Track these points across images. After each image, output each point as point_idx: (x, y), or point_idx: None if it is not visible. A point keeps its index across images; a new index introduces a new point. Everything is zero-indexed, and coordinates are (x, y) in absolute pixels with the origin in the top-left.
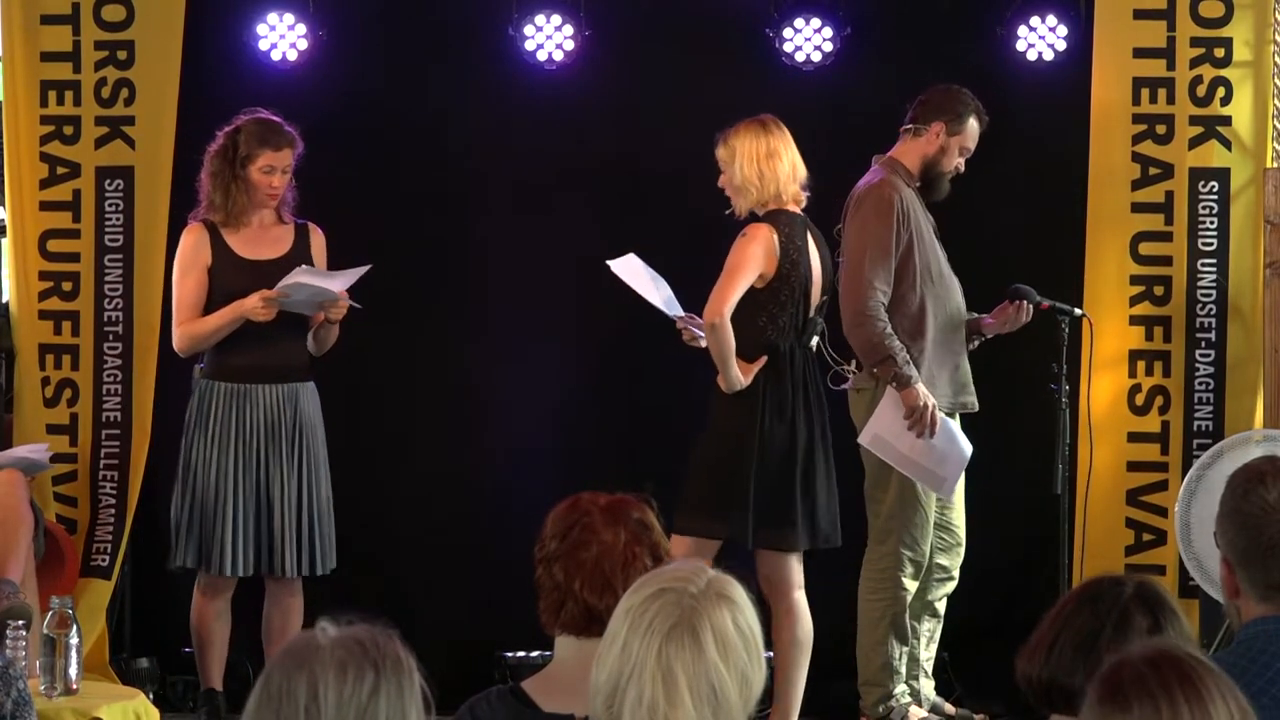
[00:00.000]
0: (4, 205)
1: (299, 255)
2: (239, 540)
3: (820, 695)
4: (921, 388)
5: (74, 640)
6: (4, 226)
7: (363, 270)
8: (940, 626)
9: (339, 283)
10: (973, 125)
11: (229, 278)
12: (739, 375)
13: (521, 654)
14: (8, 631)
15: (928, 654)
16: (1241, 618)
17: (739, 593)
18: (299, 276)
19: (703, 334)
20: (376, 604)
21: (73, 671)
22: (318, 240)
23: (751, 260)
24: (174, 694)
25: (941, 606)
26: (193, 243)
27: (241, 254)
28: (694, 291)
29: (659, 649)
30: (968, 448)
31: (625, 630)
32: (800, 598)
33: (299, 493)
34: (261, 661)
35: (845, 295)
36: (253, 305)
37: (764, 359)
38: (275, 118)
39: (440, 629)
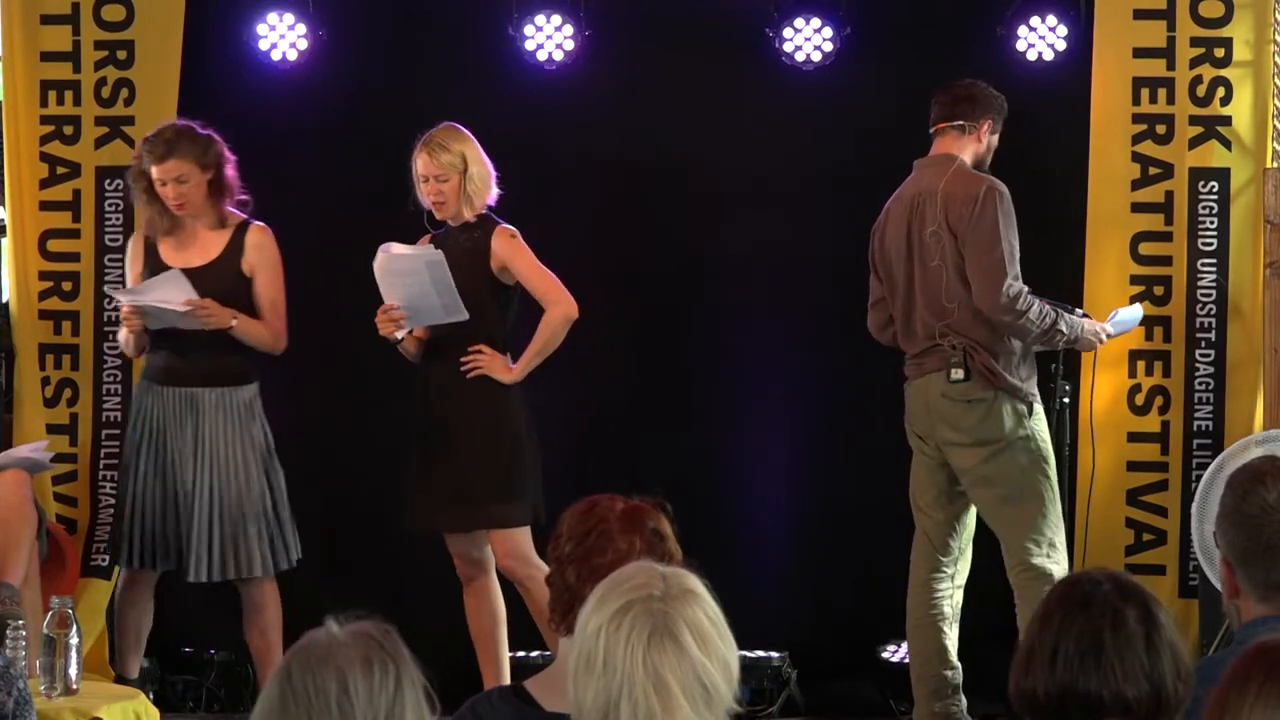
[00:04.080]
0: (4, 205)
1: (227, 260)
2: (138, 535)
3: (840, 696)
4: (1087, 330)
5: (74, 640)
6: (4, 226)
7: (175, 275)
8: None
9: (167, 293)
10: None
11: None
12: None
13: (522, 654)
14: (7, 632)
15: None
16: (1241, 618)
17: (697, 583)
18: (119, 295)
19: (401, 333)
20: (377, 603)
21: (72, 671)
22: (255, 239)
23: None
24: (174, 694)
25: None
26: (130, 250)
27: (169, 261)
28: (692, 289)
29: (643, 660)
30: (1137, 312)
31: (603, 649)
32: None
33: (209, 496)
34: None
35: (987, 288)
36: (122, 317)
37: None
38: (184, 126)
39: (441, 628)
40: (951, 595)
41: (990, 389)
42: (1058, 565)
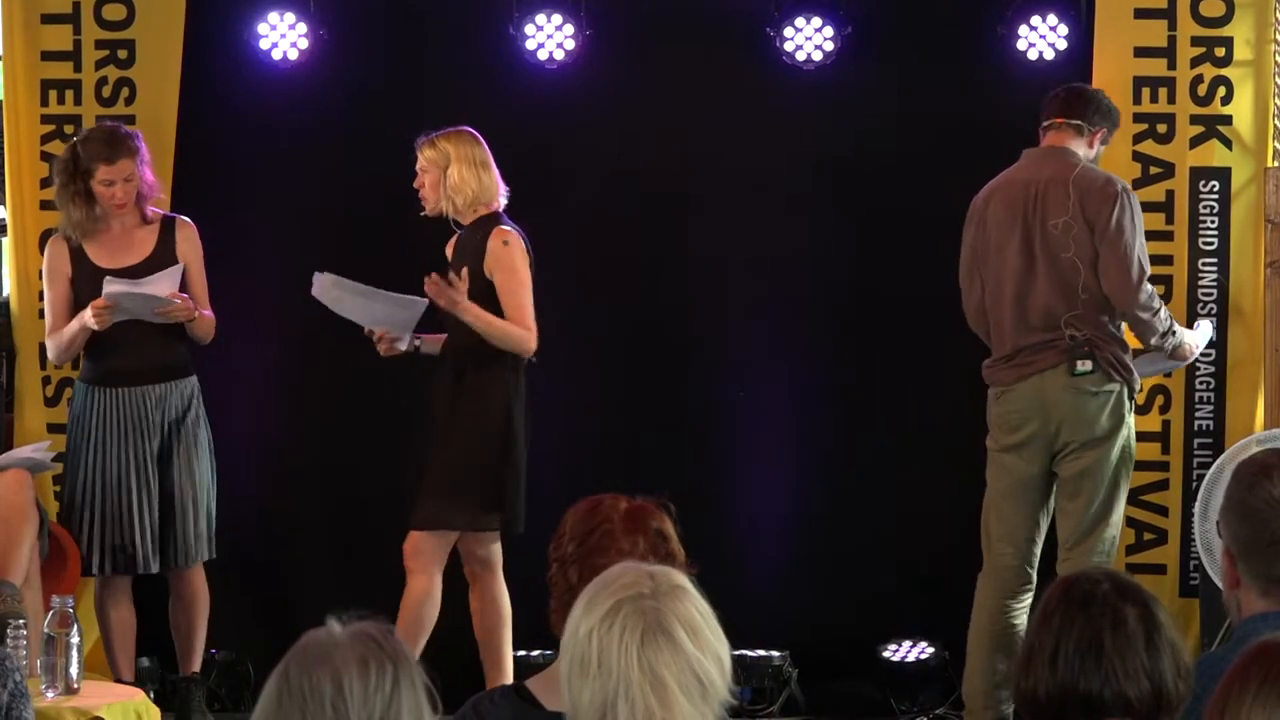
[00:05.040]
0: (4, 204)
1: (161, 255)
2: (99, 539)
3: (841, 695)
4: (1187, 336)
5: (75, 639)
6: (4, 225)
7: (178, 270)
8: None
9: (161, 286)
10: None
11: (90, 287)
12: None
13: (523, 653)
14: (9, 630)
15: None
16: (1242, 611)
17: (684, 579)
18: (113, 287)
19: (403, 344)
20: (379, 602)
21: (73, 671)
22: (184, 233)
23: (524, 267)
24: (174, 694)
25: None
26: (51, 255)
27: (100, 263)
28: (692, 287)
29: (638, 658)
30: (1210, 329)
31: (597, 650)
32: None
33: (164, 487)
34: (258, 660)
35: (1129, 285)
36: (89, 316)
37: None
38: (114, 126)
39: (443, 628)
40: (1027, 609)
41: (1116, 380)
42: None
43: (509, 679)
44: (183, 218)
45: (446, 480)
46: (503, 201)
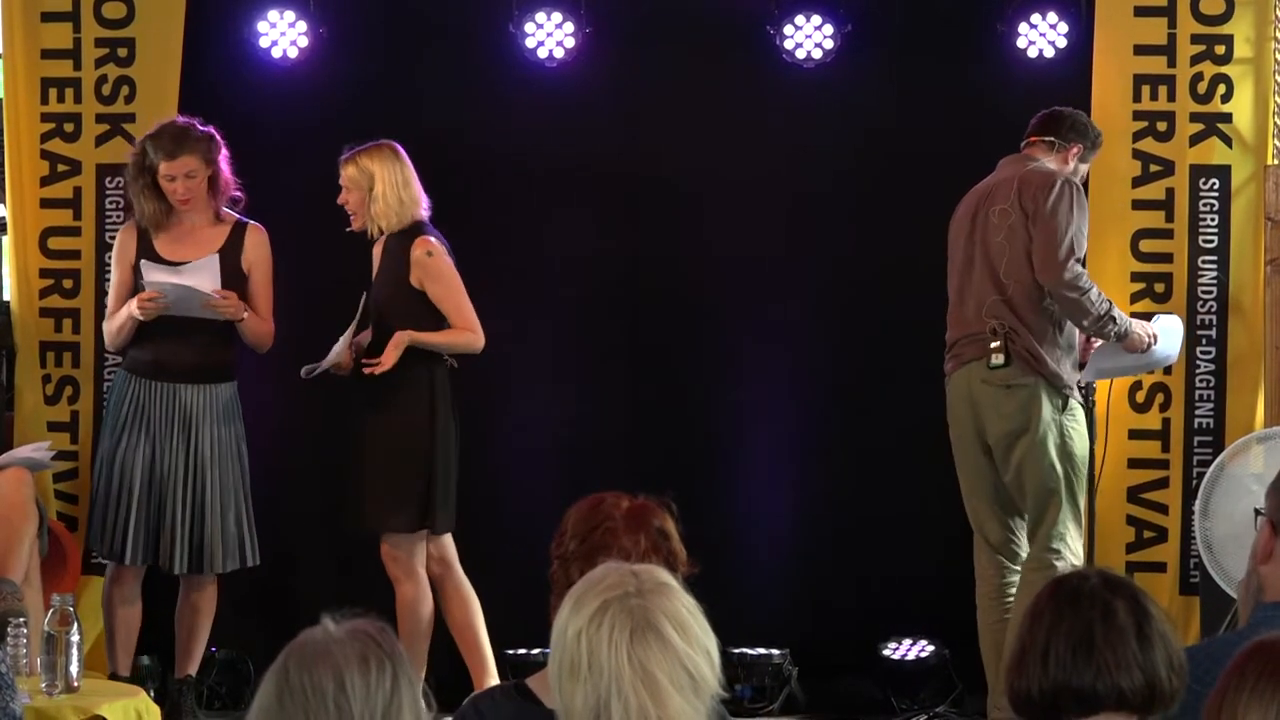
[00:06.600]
0: (4, 203)
1: (227, 255)
2: (130, 529)
3: (841, 693)
4: (1136, 326)
5: (75, 638)
6: (4, 224)
7: (213, 260)
8: None
9: (201, 278)
10: (1092, 160)
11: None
12: None
13: (524, 651)
14: (9, 629)
15: None
16: (1265, 594)
17: (668, 575)
18: (152, 275)
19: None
20: (378, 601)
21: (74, 669)
22: (254, 239)
23: (452, 270)
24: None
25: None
26: (121, 240)
27: (164, 254)
28: (692, 285)
29: (629, 656)
30: (1178, 324)
31: (587, 651)
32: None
33: (193, 490)
34: (258, 659)
35: (1052, 262)
36: (134, 305)
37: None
38: (188, 123)
39: (444, 627)
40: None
41: (1031, 374)
42: (1066, 565)
43: (492, 669)
44: (255, 223)
45: (395, 483)
46: (425, 213)
